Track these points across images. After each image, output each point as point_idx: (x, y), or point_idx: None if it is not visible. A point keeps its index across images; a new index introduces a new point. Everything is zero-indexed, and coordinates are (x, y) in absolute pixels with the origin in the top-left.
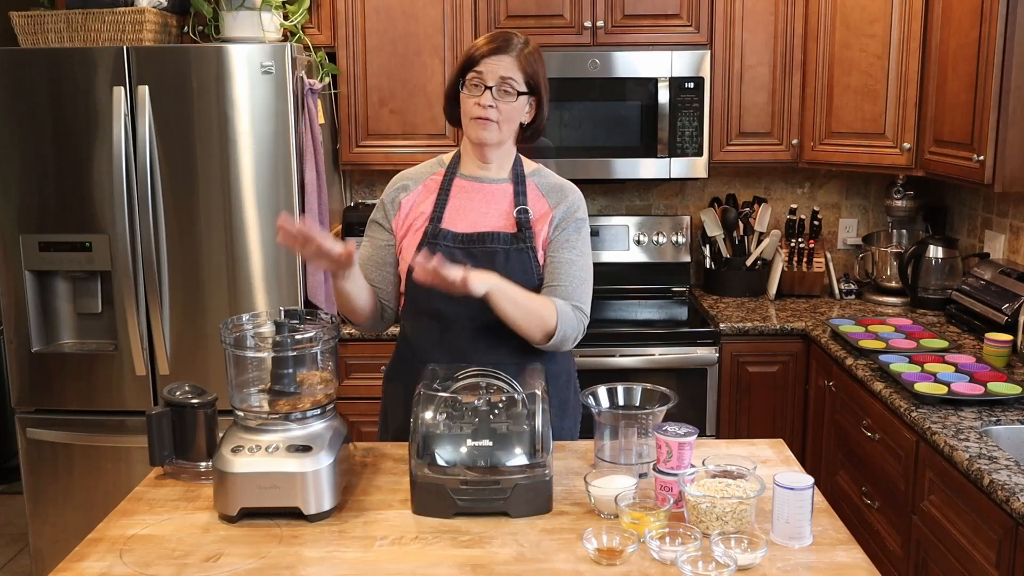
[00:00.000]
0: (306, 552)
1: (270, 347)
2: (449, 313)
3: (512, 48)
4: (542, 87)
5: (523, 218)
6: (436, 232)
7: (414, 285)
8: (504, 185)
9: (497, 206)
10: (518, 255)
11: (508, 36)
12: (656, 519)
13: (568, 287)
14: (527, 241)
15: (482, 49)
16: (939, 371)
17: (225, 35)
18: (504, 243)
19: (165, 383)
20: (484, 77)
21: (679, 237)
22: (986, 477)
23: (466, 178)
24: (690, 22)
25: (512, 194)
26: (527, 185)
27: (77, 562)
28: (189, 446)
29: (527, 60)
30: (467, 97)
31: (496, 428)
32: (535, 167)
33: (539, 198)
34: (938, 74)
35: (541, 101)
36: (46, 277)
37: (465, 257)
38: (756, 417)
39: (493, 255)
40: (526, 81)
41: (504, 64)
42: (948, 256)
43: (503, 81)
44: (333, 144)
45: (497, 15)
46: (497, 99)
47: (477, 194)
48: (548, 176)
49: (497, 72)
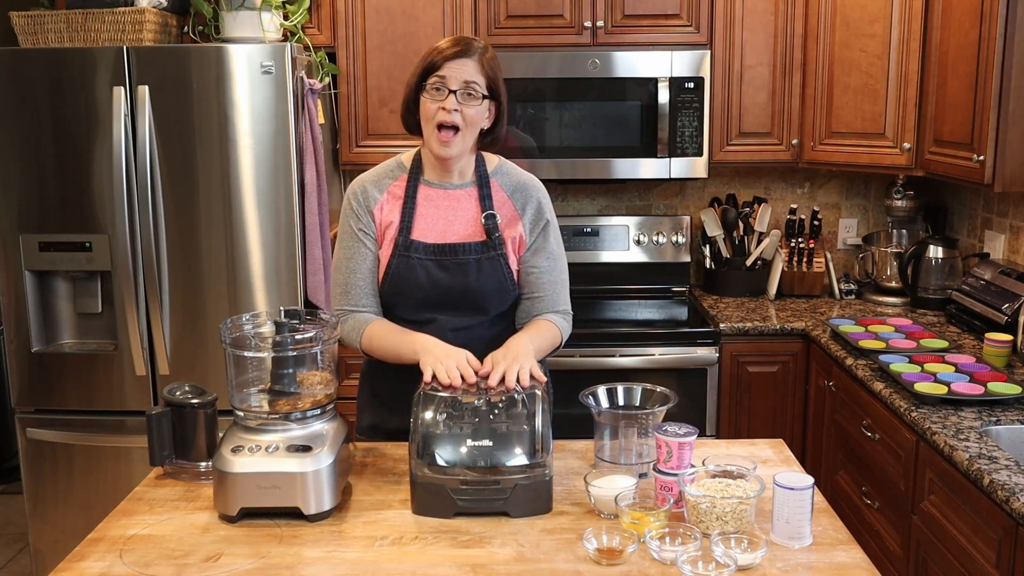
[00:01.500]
0: (306, 552)
1: (270, 347)
2: (425, 319)
3: (474, 52)
4: (502, 93)
5: (491, 224)
6: (408, 244)
7: (390, 294)
8: (469, 189)
9: (464, 212)
10: (490, 263)
11: (469, 40)
12: (656, 519)
13: (549, 296)
14: (497, 248)
15: (445, 53)
16: (939, 371)
17: (225, 35)
18: (475, 253)
19: (165, 383)
20: (447, 81)
21: (679, 237)
22: (986, 477)
23: (431, 185)
24: (690, 22)
25: (478, 198)
26: (492, 187)
27: (77, 562)
28: (189, 446)
29: (489, 65)
30: (429, 101)
31: (496, 428)
32: (496, 162)
33: (504, 200)
34: (938, 74)
35: (501, 107)
36: (46, 277)
37: (438, 269)
38: (756, 417)
39: (466, 266)
40: (488, 85)
41: (467, 68)
42: (948, 256)
43: (467, 85)
44: (333, 144)
45: (497, 15)
46: (462, 103)
47: (443, 201)
48: (511, 172)
49: (461, 76)
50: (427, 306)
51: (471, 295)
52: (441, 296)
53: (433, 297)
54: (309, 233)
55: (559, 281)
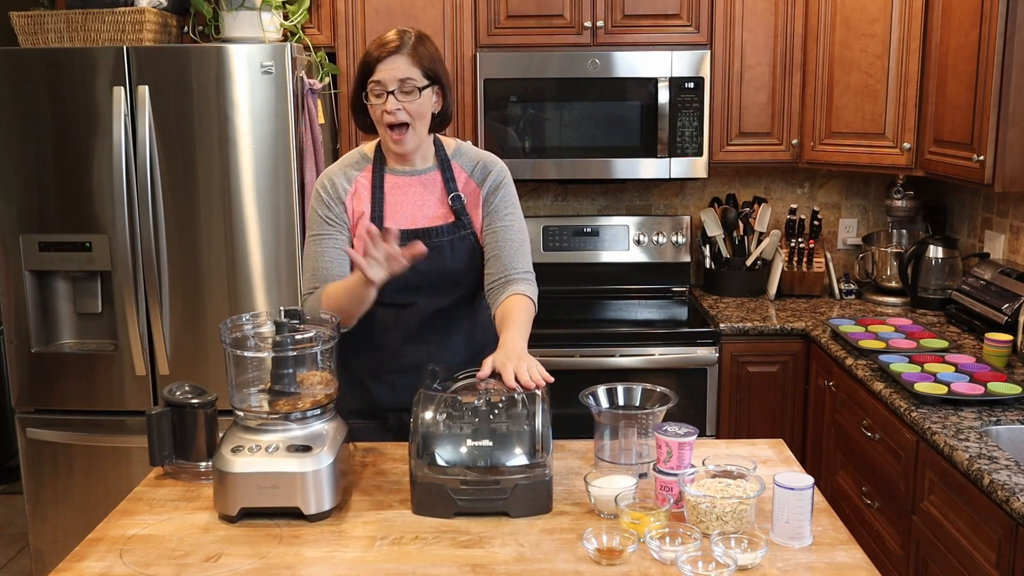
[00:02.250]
0: (306, 552)
1: (270, 347)
2: (404, 301)
3: (403, 46)
4: (442, 75)
5: (458, 206)
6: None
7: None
8: (433, 173)
9: (431, 196)
10: (461, 243)
11: (399, 34)
12: (656, 519)
13: (508, 257)
14: (467, 227)
15: (375, 54)
16: (939, 371)
17: (225, 35)
18: (447, 234)
19: (165, 383)
20: (384, 83)
21: (679, 237)
22: (986, 477)
23: (396, 173)
24: (690, 22)
25: (442, 180)
26: (454, 169)
27: (77, 562)
28: (189, 446)
29: (419, 54)
30: (374, 107)
31: (496, 428)
32: (454, 145)
33: (467, 180)
34: (938, 74)
35: (445, 88)
36: (46, 277)
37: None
38: (756, 417)
39: (440, 248)
40: (424, 74)
41: (399, 65)
42: (948, 256)
43: (403, 83)
44: (333, 144)
45: (497, 15)
46: (402, 100)
47: (410, 188)
48: (469, 152)
49: (395, 75)
50: (406, 290)
51: (448, 275)
52: (418, 278)
53: (411, 280)
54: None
55: (518, 241)
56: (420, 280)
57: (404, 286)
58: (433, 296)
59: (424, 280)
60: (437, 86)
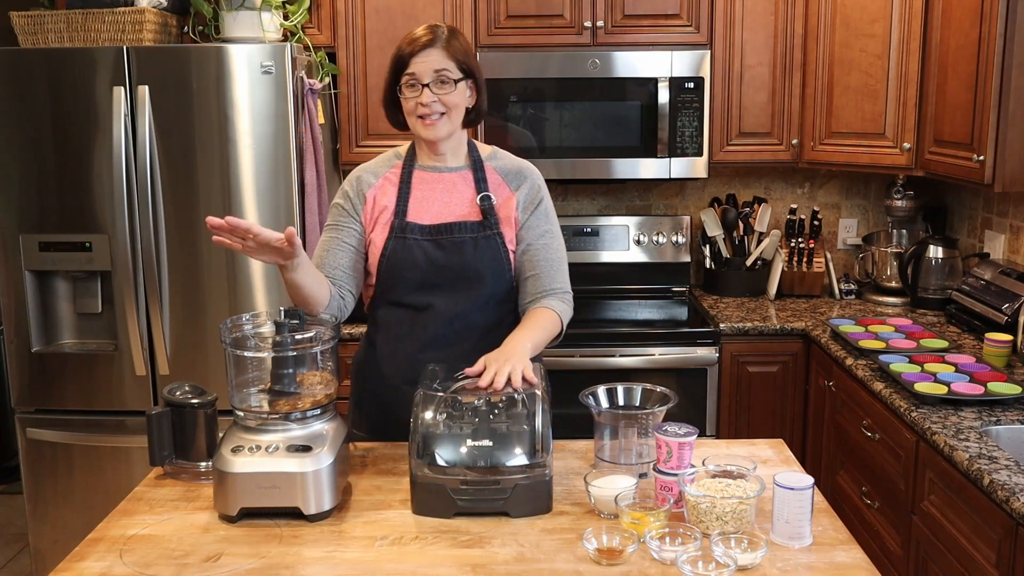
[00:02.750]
0: (306, 552)
1: (270, 347)
2: (423, 302)
3: (437, 40)
4: (476, 68)
5: (487, 205)
6: (403, 226)
7: (386, 277)
8: (463, 172)
9: (460, 195)
10: (486, 242)
11: (432, 28)
12: (656, 519)
13: (546, 275)
14: (493, 227)
15: (408, 48)
16: (939, 371)
17: (225, 35)
18: (472, 232)
19: (165, 383)
20: (418, 76)
21: (679, 237)
22: (986, 477)
23: (425, 169)
24: (690, 22)
25: (473, 181)
26: (486, 171)
27: (77, 562)
28: (189, 446)
29: (454, 47)
30: (407, 99)
31: (496, 428)
32: (490, 151)
33: (500, 183)
34: (938, 74)
35: (479, 82)
36: (46, 277)
37: (435, 248)
38: (756, 417)
39: (462, 244)
40: (459, 67)
41: (434, 57)
42: (948, 256)
43: (438, 74)
44: (333, 144)
45: (497, 15)
46: (437, 92)
47: (438, 184)
48: (505, 159)
49: (430, 67)
50: (424, 287)
51: (468, 272)
52: (437, 275)
53: (430, 277)
54: (309, 233)
55: (555, 259)
56: (437, 276)
57: (421, 283)
58: (452, 298)
59: (441, 276)
60: (471, 80)
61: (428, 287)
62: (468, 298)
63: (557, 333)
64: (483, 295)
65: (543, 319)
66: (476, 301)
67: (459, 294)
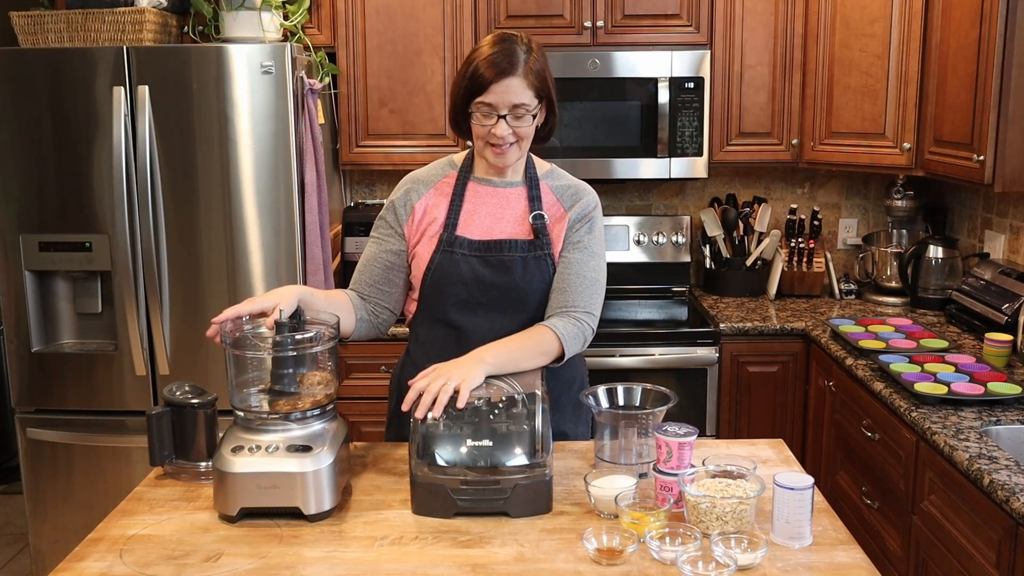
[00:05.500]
0: (306, 552)
1: (270, 347)
2: (466, 323)
3: (517, 67)
4: (551, 88)
5: (539, 224)
6: (452, 240)
7: (431, 291)
8: (518, 189)
9: (512, 211)
10: (536, 263)
11: (511, 50)
12: (656, 519)
13: (571, 292)
14: (544, 248)
15: (487, 75)
16: (939, 371)
17: (225, 35)
18: (521, 251)
19: (165, 383)
20: (495, 107)
21: (679, 237)
22: (986, 477)
23: (480, 182)
24: (690, 22)
25: (527, 198)
26: (541, 188)
27: (77, 562)
28: (189, 446)
29: (534, 73)
30: (479, 125)
31: (496, 428)
32: (548, 168)
33: (554, 202)
34: (938, 74)
35: (553, 103)
36: (46, 277)
37: (482, 266)
38: (756, 417)
39: (511, 264)
40: (537, 95)
41: (513, 88)
42: (948, 256)
43: (516, 108)
44: (333, 144)
45: (497, 15)
46: (513, 125)
47: (491, 199)
48: (562, 178)
49: (509, 100)
50: (468, 306)
51: (514, 293)
52: (483, 293)
53: (475, 295)
54: (309, 233)
55: (589, 279)
56: (482, 295)
57: (466, 300)
58: (496, 317)
59: (486, 295)
60: (545, 101)
61: (472, 305)
62: (512, 320)
63: (547, 353)
64: (527, 318)
65: (531, 337)
66: (520, 324)
67: (503, 315)
